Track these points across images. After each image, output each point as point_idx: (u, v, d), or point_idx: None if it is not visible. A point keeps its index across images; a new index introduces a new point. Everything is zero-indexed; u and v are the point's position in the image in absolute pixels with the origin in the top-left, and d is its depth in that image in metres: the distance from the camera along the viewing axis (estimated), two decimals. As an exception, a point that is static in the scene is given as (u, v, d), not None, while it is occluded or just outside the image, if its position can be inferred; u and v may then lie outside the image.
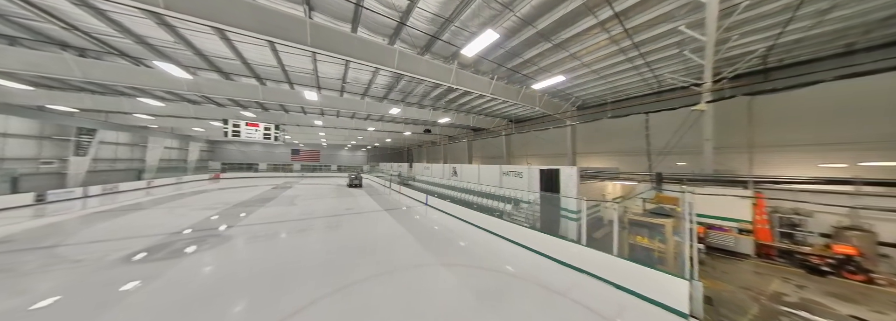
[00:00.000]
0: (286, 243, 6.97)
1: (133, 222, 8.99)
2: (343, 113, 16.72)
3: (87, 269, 5.20)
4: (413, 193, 16.40)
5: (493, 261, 6.13)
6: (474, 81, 8.91)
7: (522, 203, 9.96)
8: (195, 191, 17.11)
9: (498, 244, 7.33)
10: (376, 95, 12.20)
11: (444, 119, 12.73)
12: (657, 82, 10.54)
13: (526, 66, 8.65)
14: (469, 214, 9.85)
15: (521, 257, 6.36)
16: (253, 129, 12.85)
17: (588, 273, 5.37)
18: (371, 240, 7.28)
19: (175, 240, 7.14)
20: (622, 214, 6.14)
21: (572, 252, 5.79)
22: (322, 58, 7.69)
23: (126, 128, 16.94)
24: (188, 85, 8.26)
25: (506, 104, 14.63)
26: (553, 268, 5.72)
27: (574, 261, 5.71)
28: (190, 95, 11.98)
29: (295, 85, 10.24)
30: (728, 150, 9.54)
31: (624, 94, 12.55)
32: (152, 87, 7.87)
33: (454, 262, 5.92)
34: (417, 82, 10.54)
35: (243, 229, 8.25)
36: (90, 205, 11.89)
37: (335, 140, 31.00)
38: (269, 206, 12.43)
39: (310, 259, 5.93)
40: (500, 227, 8.02)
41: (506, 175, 11.71)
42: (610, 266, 5.03)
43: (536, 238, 6.69)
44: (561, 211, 8.07)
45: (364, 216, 10.58)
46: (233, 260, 5.83)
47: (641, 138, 12.90)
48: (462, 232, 8.55)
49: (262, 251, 6.37)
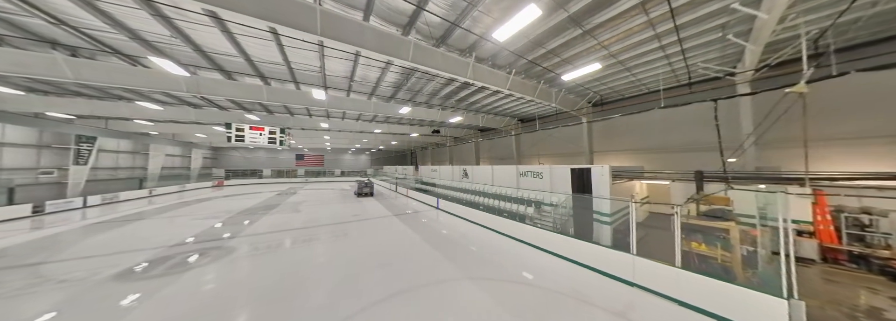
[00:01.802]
0: (292, 256, 6.32)
1: (131, 234, 8.41)
2: (349, 114, 16.21)
3: (72, 291, 4.58)
4: (421, 197, 15.74)
5: (524, 272, 5.43)
6: (492, 76, 8.31)
7: (545, 205, 9.25)
8: (198, 200, 16.59)
9: (523, 251, 6.62)
10: (384, 95, 11.64)
11: (456, 118, 12.15)
12: (687, 73, 9.86)
13: (547, 58, 8.03)
14: (487, 219, 9.16)
15: (554, 268, 5.65)
16: (257, 133, 12.34)
17: (642, 287, 4.64)
18: (384, 251, 6.61)
19: (173, 253, 6.51)
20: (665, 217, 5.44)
21: (619, 262, 5.06)
22: (330, 52, 7.13)
23: (126, 135, 16.54)
24: (187, 85, 7.73)
25: (518, 102, 14.01)
26: (597, 282, 5.00)
27: (622, 272, 4.98)
28: (190, 98, 11.50)
29: (301, 84, 9.71)
30: (772, 145, 8.79)
31: (645, 87, 11.87)
32: (150, 88, 7.35)
33: (481, 275, 5.21)
34: (427, 80, 9.97)
35: (246, 240, 7.62)
36: (89, 216, 11.37)
37: (339, 144, 30.56)
38: (273, 214, 11.82)
39: (319, 274, 5.26)
40: (524, 233, 7.33)
41: (523, 176, 11.01)
42: (672, 280, 4.31)
43: (570, 245, 5.98)
44: (593, 214, 7.35)
45: (373, 223, 9.91)
46: (234, 277, 5.17)
47: (667, 133, 12.18)
48: (481, 238, 7.85)
49: (265, 266, 5.72)
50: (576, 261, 5.76)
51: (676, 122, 11.84)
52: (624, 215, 8.96)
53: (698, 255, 5.19)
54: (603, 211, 7.39)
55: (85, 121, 14.56)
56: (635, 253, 4.93)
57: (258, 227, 9.09)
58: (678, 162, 11.71)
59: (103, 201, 14.18)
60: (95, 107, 10.54)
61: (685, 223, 5.49)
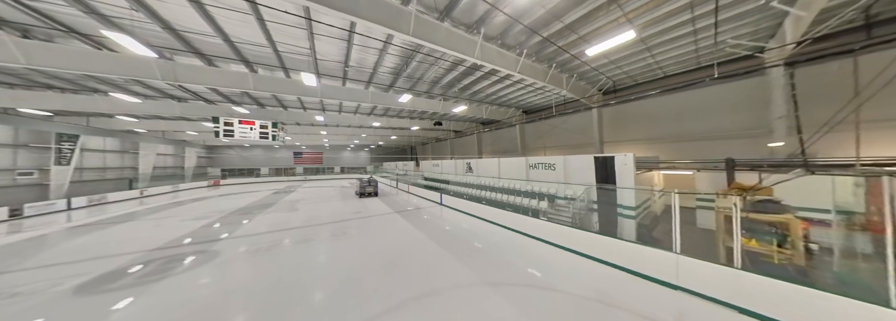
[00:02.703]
0: (285, 259, 5.64)
1: (111, 238, 7.72)
2: (346, 107, 15.38)
3: (19, 308, 3.89)
4: (423, 192, 15.06)
5: (548, 274, 4.76)
6: (501, 58, 7.51)
7: (559, 199, 8.56)
8: (190, 200, 15.89)
9: (539, 250, 5.95)
10: (382, 84, 10.81)
11: (460, 107, 11.33)
12: (712, 53, 9.04)
13: (563, 35, 7.21)
14: (497, 215, 8.47)
15: (578, 268, 4.98)
16: (247, 127, 11.53)
17: (690, 291, 3.98)
18: (390, 251, 5.93)
19: (152, 258, 5.83)
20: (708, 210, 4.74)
21: (658, 261, 4.39)
22: (320, 30, 6.31)
23: (111, 133, 15.71)
24: (162, 71, 6.92)
25: (524, 91, 13.19)
26: (634, 286, 4.33)
27: (662, 273, 4.31)
28: (169, 89, 10.66)
29: (291, 71, 8.88)
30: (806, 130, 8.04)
31: (661, 71, 11.04)
32: (119, 75, 6.54)
33: (501, 280, 4.54)
34: (429, 65, 9.14)
35: (237, 242, 6.94)
36: (73, 219, 10.68)
37: (338, 140, 29.75)
38: (268, 213, 11.14)
39: (318, 281, 4.59)
40: (539, 229, 6.65)
41: (533, 168, 10.30)
42: (728, 283, 3.63)
43: (596, 242, 5.30)
44: (617, 208, 6.67)
45: (374, 221, 9.23)
46: (218, 288, 4.49)
47: (683, 121, 11.41)
48: (491, 235, 7.18)
49: (256, 272, 5.04)
50: (603, 260, 5.09)
51: (694, 109, 11.06)
52: (645, 209, 8.31)
53: (749, 253, 4.52)
54: (627, 204, 6.70)
55: (65, 118, 13.72)
56: (679, 251, 4.25)
57: (250, 228, 8.40)
58: (696, 151, 10.99)
59: (89, 203, 13.47)
60: (69, 101, 9.71)
61: (728, 217, 4.80)
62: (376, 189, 15.79)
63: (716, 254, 4.91)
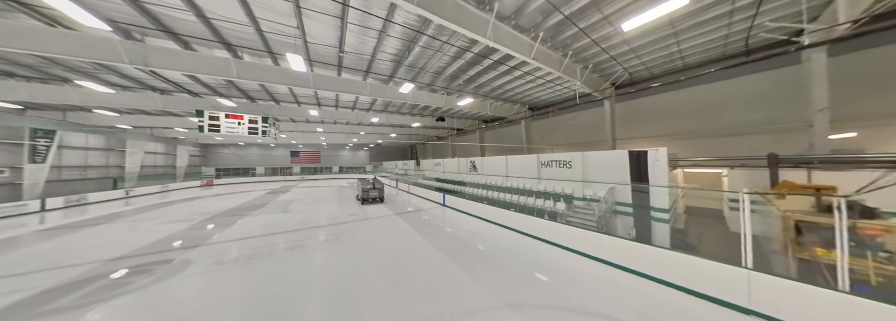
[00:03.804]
0: (271, 270, 4.77)
1: (75, 244, 6.83)
2: (343, 102, 14.51)
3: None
4: (424, 192, 14.20)
5: (581, 292, 3.91)
6: (515, 41, 6.67)
7: (576, 200, 7.72)
8: (178, 200, 14.99)
9: (565, 259, 5.09)
10: (382, 74, 9.95)
11: (466, 100, 10.46)
12: (744, 39, 8.23)
13: (584, 15, 6.38)
14: (507, 217, 7.60)
15: (619, 284, 4.13)
16: (235, 121, 10.65)
17: (769, 318, 3.13)
18: (391, 263, 5.07)
19: (109, 270, 4.95)
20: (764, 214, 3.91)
21: (720, 277, 3.55)
22: (309, 6, 5.46)
23: (92, 129, 14.78)
24: (129, 54, 6.05)
25: (532, 85, 12.34)
26: (695, 309, 3.48)
27: (729, 294, 3.47)
28: (148, 79, 9.78)
29: (278, 58, 8.02)
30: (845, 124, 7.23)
31: (682, 62, 10.22)
32: (78, 56, 5.67)
33: (524, 300, 3.70)
34: (433, 52, 8.29)
35: (216, 249, 6.07)
36: (45, 221, 9.78)
37: (336, 139, 28.85)
38: (258, 215, 10.26)
39: (305, 300, 3.73)
40: (562, 235, 5.77)
41: (546, 166, 9.46)
42: (831, 309, 2.79)
43: (635, 253, 4.44)
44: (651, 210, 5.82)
45: (372, 224, 8.36)
46: (182, 308, 3.62)
47: (703, 116, 10.60)
48: (502, 240, 6.31)
49: (232, 286, 4.17)
50: (648, 275, 4.23)
51: (716, 103, 10.26)
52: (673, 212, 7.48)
53: (823, 266, 3.68)
54: (659, 206, 5.87)
55: (41, 113, 12.82)
56: (750, 265, 3.41)
57: (233, 233, 7.52)
58: (717, 148, 10.17)
59: (67, 204, 12.55)
60: (36, 91, 8.82)
61: (803, 221, 3.96)
62: (382, 194, 12.40)
63: (780, 267, 4.08)
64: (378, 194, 12.13)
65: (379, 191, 12.17)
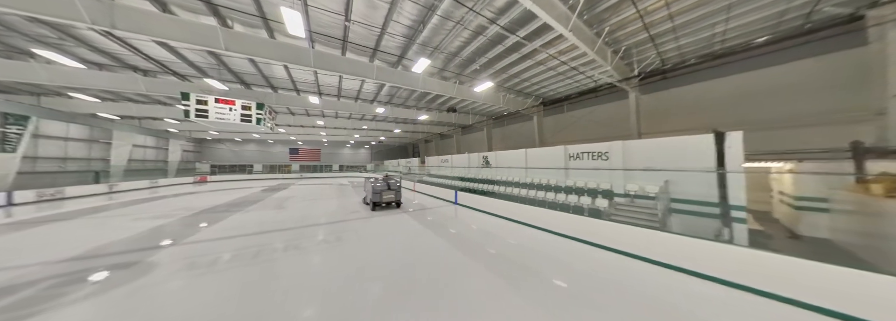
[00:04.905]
0: (254, 277, 3.68)
1: (28, 241, 5.71)
2: (346, 92, 13.46)
3: None
4: (431, 190, 13.11)
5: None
6: (553, 8, 5.67)
7: (619, 196, 6.66)
8: (164, 196, 13.84)
9: (639, 271, 3.95)
10: (391, 53, 8.91)
11: (486, 84, 9.40)
12: (803, 15, 7.25)
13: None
14: (541, 217, 6.45)
15: (730, 305, 3.02)
16: (226, 107, 9.55)
17: None
18: (404, 272, 3.98)
19: (48, 274, 3.84)
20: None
21: (869, 291, 2.48)
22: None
23: (71, 117, 13.62)
24: (90, 11, 4.98)
25: (553, 72, 11.32)
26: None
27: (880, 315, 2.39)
28: (126, 55, 8.70)
29: (273, 25, 6.97)
30: None
31: (720, 45, 9.22)
32: (23, 10, 4.60)
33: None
34: (453, 25, 7.26)
35: (189, 250, 4.96)
36: (9, 216, 8.64)
37: (337, 135, 27.79)
38: (248, 212, 9.14)
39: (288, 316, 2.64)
40: (634, 241, 4.41)
41: (575, 158, 8.42)
42: None
43: (747, 261, 3.24)
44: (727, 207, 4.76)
45: (377, 224, 7.26)
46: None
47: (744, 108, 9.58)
48: (537, 244, 5.21)
49: (202, 298, 3.08)
50: (771, 293, 3.06)
51: (757, 93, 9.23)
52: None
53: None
54: (736, 203, 4.81)
55: (11, 97, 11.69)
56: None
57: (214, 231, 6.41)
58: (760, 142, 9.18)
59: (39, 198, 11.39)
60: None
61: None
62: (400, 196, 9.49)
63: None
64: (394, 197, 9.26)
65: (395, 192, 9.33)
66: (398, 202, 9.47)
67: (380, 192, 8.96)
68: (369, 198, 9.11)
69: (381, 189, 9.05)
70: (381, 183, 9.30)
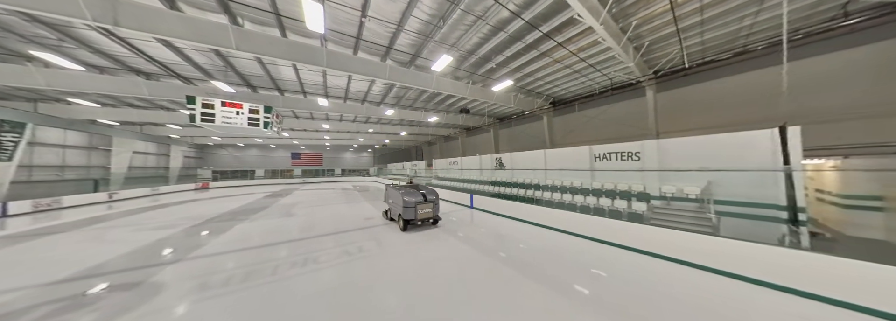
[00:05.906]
0: (280, 298, 3.22)
1: (18, 258, 5.23)
2: (353, 93, 13.09)
3: None
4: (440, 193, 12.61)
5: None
6: (586, 0, 5.32)
7: (675, 200, 6.22)
8: (165, 204, 13.34)
9: (702, 283, 3.46)
10: (404, 51, 8.56)
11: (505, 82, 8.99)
12: (840, 5, 6.91)
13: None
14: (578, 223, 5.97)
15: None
16: (233, 110, 9.14)
17: None
18: (442, 293, 3.52)
19: (38, 302, 3.38)
20: None
21: None
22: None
23: (69, 123, 13.17)
24: (92, 8, 4.59)
25: (569, 70, 10.97)
26: None
27: None
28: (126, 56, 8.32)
29: (288, 30, 6.61)
30: None
31: (744, 39, 8.86)
32: (24, 7, 4.21)
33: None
34: (475, 19, 6.89)
35: (197, 266, 4.50)
36: (4, 227, 8.14)
37: (340, 139, 27.37)
38: (255, 221, 8.67)
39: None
40: (697, 250, 3.94)
41: (601, 159, 8.01)
42: None
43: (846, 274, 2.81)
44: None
45: (395, 232, 6.78)
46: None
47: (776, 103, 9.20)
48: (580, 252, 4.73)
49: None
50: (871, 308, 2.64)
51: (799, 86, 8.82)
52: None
53: None
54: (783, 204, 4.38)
55: (6, 103, 11.28)
56: None
57: (222, 245, 5.94)
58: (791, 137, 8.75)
59: (35, 208, 10.90)
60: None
61: None
62: (437, 208, 7.20)
63: None
64: (432, 211, 6.94)
65: (433, 205, 6.99)
66: (436, 219, 7.09)
67: (414, 207, 6.57)
68: (399, 214, 6.76)
69: (416, 202, 6.62)
70: (415, 194, 6.85)
